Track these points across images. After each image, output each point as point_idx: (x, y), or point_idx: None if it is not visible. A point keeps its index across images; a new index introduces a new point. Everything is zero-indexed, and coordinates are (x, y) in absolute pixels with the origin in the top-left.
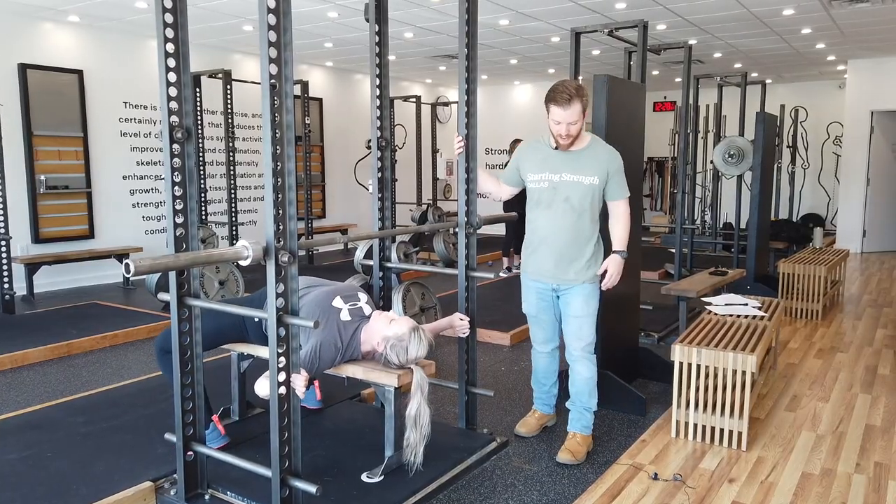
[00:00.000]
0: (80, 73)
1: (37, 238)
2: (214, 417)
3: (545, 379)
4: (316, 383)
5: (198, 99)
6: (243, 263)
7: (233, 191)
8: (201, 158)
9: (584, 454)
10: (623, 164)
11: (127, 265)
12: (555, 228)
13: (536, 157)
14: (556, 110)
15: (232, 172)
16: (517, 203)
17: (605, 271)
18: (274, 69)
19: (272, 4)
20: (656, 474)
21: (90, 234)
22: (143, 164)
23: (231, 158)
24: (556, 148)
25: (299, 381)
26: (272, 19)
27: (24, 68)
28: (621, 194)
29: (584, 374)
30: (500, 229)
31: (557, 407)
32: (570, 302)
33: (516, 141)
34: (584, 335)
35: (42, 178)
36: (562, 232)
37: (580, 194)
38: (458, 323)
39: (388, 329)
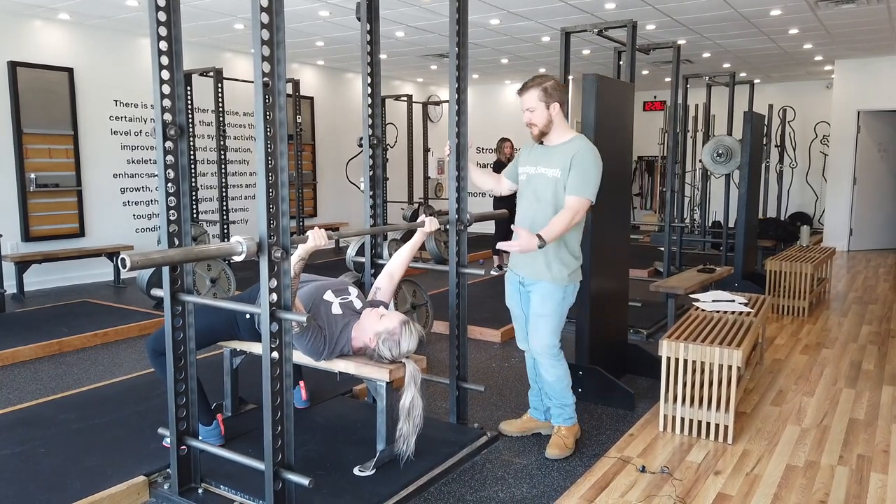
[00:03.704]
0: (70, 70)
1: (27, 236)
2: (219, 417)
3: (532, 382)
4: (301, 383)
5: (189, 97)
6: (237, 259)
7: (224, 189)
8: (192, 157)
9: (573, 444)
10: (595, 165)
11: (122, 260)
12: (521, 219)
13: (529, 152)
14: (520, 98)
15: (223, 171)
16: (507, 200)
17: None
18: (267, 67)
19: (265, 3)
20: (644, 467)
21: (80, 233)
22: (133, 162)
23: (222, 157)
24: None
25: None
26: (265, 17)
27: (13, 66)
28: (575, 190)
29: (546, 377)
30: (490, 228)
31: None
32: (530, 299)
33: (503, 140)
34: (541, 336)
35: (32, 176)
36: (524, 222)
37: (543, 186)
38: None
39: (378, 325)
